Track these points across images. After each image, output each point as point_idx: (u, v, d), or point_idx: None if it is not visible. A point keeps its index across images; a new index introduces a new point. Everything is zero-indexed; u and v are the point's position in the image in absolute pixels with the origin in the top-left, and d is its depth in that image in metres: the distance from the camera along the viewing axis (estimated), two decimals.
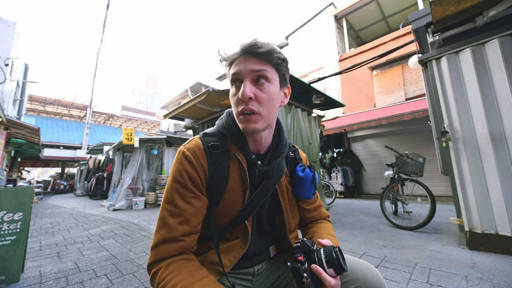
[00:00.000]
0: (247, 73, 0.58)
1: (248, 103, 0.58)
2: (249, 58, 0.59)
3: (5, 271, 1.78)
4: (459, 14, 2.21)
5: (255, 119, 0.59)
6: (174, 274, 0.51)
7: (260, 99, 0.59)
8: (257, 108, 0.58)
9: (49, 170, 36.35)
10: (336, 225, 3.36)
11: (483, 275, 1.63)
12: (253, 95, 0.58)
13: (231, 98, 0.63)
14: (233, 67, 0.60)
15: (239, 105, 0.59)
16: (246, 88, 0.57)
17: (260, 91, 0.59)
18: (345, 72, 4.69)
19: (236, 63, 0.60)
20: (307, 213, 0.80)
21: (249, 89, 0.57)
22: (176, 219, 0.57)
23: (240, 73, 0.58)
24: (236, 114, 0.61)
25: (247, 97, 0.57)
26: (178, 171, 0.60)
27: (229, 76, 0.62)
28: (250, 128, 0.59)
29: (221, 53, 0.62)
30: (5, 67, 7.30)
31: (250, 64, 0.58)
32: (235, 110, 0.62)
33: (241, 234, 0.67)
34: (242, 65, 0.58)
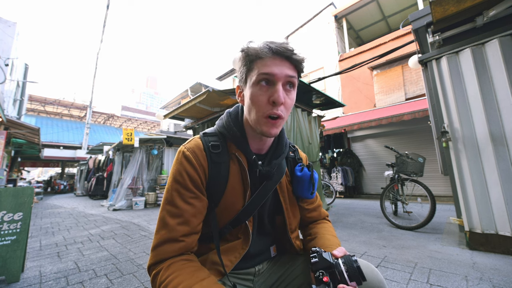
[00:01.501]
0: (281, 77, 0.56)
1: (278, 107, 0.57)
2: (283, 62, 0.57)
3: (5, 271, 1.78)
4: (459, 14, 2.21)
5: (279, 123, 0.59)
6: (174, 275, 0.51)
7: (286, 104, 0.59)
8: (283, 113, 0.58)
9: (49, 170, 36.36)
10: (336, 225, 3.36)
11: (483, 275, 1.63)
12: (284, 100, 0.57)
13: (253, 97, 0.58)
14: (263, 66, 0.56)
15: (266, 107, 0.57)
16: (280, 92, 0.56)
17: (288, 97, 0.59)
18: (345, 72, 4.69)
19: (267, 62, 0.56)
20: (307, 213, 0.80)
21: (282, 94, 0.56)
22: (176, 219, 0.57)
23: (275, 75, 0.56)
24: (259, 116, 0.58)
25: (280, 102, 0.56)
26: (178, 171, 0.60)
27: (254, 73, 0.58)
28: (273, 132, 0.59)
29: (249, 46, 0.58)
30: (5, 67, 7.30)
31: (285, 69, 0.57)
32: (257, 110, 0.58)
33: (242, 235, 0.67)
34: (277, 68, 0.56)
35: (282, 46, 0.56)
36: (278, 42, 0.57)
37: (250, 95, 0.59)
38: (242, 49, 0.60)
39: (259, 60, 0.57)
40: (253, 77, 0.58)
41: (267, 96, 0.57)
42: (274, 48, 0.56)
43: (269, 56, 0.56)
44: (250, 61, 0.59)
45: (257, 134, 0.65)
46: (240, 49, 0.61)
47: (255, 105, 0.58)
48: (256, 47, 0.57)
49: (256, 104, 0.58)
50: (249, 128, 0.66)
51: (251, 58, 0.58)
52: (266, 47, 0.56)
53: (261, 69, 0.57)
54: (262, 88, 0.57)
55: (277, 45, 0.56)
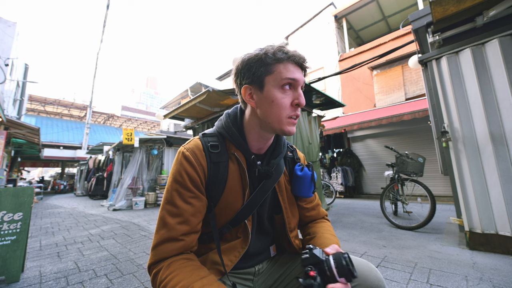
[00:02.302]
0: (301, 82, 0.63)
1: (299, 109, 0.63)
2: (299, 68, 0.63)
3: (5, 271, 1.78)
4: (459, 14, 2.21)
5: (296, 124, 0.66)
6: (174, 273, 0.51)
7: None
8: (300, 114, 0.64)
9: (49, 170, 36.35)
10: (336, 225, 3.36)
11: (483, 275, 1.63)
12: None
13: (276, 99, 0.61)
14: (286, 71, 0.60)
15: (289, 109, 0.62)
16: (302, 96, 0.63)
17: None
18: (345, 72, 4.69)
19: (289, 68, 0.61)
20: (306, 212, 0.80)
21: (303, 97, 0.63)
22: (175, 219, 0.57)
23: (299, 80, 0.62)
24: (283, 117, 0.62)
25: (304, 105, 0.63)
26: (177, 171, 0.61)
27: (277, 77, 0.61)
28: (293, 131, 0.64)
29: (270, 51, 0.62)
30: (5, 67, 7.30)
31: (302, 75, 0.64)
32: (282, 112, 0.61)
33: (241, 234, 0.67)
34: (299, 75, 0.62)
35: (298, 54, 0.63)
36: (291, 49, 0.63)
37: (273, 97, 0.61)
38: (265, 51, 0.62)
39: (280, 65, 0.61)
40: (276, 80, 0.61)
41: (291, 99, 0.62)
42: (296, 57, 0.62)
43: (290, 62, 0.61)
44: (270, 64, 0.61)
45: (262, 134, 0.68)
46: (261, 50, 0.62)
47: (279, 107, 0.61)
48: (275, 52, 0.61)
49: (279, 105, 0.61)
50: (252, 128, 0.67)
51: (271, 61, 0.61)
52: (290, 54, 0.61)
53: (285, 74, 0.60)
54: (286, 92, 0.62)
55: (294, 53, 0.62)
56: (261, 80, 0.62)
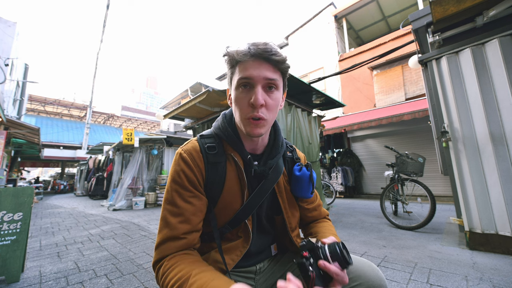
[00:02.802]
0: (260, 80, 0.58)
1: (258, 109, 0.58)
2: (262, 64, 0.58)
3: (5, 271, 1.78)
4: (459, 14, 2.21)
5: (262, 124, 0.60)
6: (177, 264, 0.53)
7: (268, 106, 0.60)
8: (265, 115, 0.59)
9: (49, 170, 36.35)
10: (336, 225, 3.36)
11: (483, 275, 1.63)
12: (264, 102, 0.58)
13: (236, 100, 0.61)
14: (243, 70, 0.58)
15: (247, 110, 0.59)
16: (259, 95, 0.57)
17: (269, 98, 0.60)
18: (345, 72, 4.69)
19: (246, 66, 0.58)
20: (308, 212, 0.80)
21: (261, 96, 0.57)
22: (177, 218, 0.58)
23: (253, 78, 0.57)
24: (242, 118, 0.60)
25: (259, 104, 0.57)
26: (176, 172, 0.62)
27: (236, 77, 0.59)
28: (257, 132, 0.60)
29: (229, 51, 0.60)
30: (5, 67, 7.30)
31: (264, 71, 0.57)
32: (240, 113, 0.60)
33: (242, 233, 0.68)
34: (255, 71, 0.57)
35: (260, 47, 0.57)
36: (259, 43, 0.58)
37: (234, 98, 0.62)
38: (223, 54, 0.62)
39: (241, 64, 0.59)
40: (235, 80, 0.60)
41: (247, 99, 0.59)
42: (253, 51, 0.57)
43: (248, 59, 0.58)
44: (232, 65, 0.61)
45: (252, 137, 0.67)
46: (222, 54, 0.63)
47: (238, 108, 0.61)
48: (236, 51, 0.59)
49: (238, 106, 0.61)
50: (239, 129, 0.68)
51: (233, 62, 0.60)
52: (246, 50, 0.57)
53: (240, 73, 0.58)
54: (243, 91, 0.59)
55: (255, 48, 0.57)
56: (230, 82, 0.64)
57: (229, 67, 0.62)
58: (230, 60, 0.61)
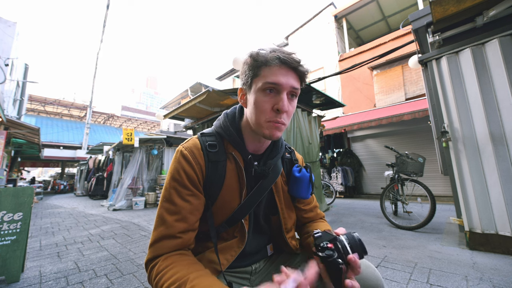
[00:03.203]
0: (287, 87, 0.59)
1: (281, 115, 0.60)
2: (289, 72, 0.59)
3: (5, 271, 1.78)
4: (459, 14, 2.21)
5: (282, 128, 0.62)
6: (172, 266, 0.52)
7: (289, 112, 0.62)
8: (286, 121, 0.61)
9: (49, 170, 36.35)
10: (336, 225, 3.36)
11: (483, 275, 1.63)
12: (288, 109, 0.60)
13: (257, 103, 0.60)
14: (270, 74, 0.58)
15: (270, 114, 0.60)
16: (285, 101, 0.59)
17: (290, 105, 0.62)
18: (345, 72, 4.69)
19: (275, 71, 0.58)
20: (304, 213, 0.81)
21: (287, 103, 0.59)
22: (173, 216, 0.58)
23: (281, 84, 0.58)
24: (263, 121, 0.61)
25: (285, 111, 0.59)
26: (176, 169, 0.62)
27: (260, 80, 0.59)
28: (276, 136, 0.62)
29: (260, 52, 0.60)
30: (5, 67, 7.30)
31: (291, 80, 0.59)
32: (261, 116, 0.60)
33: (238, 233, 0.68)
34: (283, 78, 0.58)
35: (290, 56, 0.58)
36: (286, 51, 0.60)
37: (255, 100, 0.61)
38: (251, 54, 0.62)
39: (266, 68, 0.59)
40: (259, 83, 0.60)
41: (271, 104, 0.60)
42: (283, 58, 0.58)
43: (276, 65, 0.58)
44: (257, 67, 0.61)
45: (255, 136, 0.67)
46: (248, 53, 0.62)
47: (259, 111, 0.61)
48: (265, 54, 0.59)
49: (260, 109, 0.61)
50: (248, 129, 0.68)
51: (259, 64, 0.60)
52: (275, 56, 0.58)
53: (268, 78, 0.59)
54: (268, 95, 0.60)
55: (285, 55, 0.58)
56: (250, 82, 0.63)
57: (252, 67, 0.61)
58: (255, 61, 0.60)
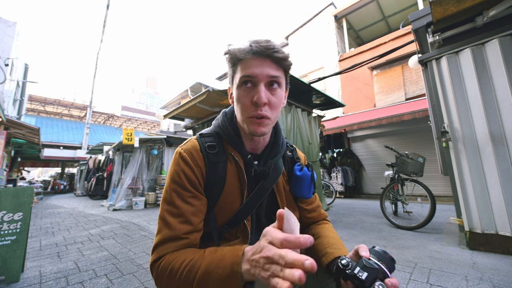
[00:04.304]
0: (263, 77, 0.56)
1: (261, 108, 0.57)
2: (264, 61, 0.57)
3: (5, 271, 1.78)
4: (459, 14, 2.21)
5: (265, 123, 0.59)
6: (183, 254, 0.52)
7: (272, 104, 0.59)
8: (269, 113, 0.58)
9: (49, 170, 36.34)
10: (336, 225, 3.36)
11: (483, 275, 1.63)
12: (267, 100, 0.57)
13: (238, 99, 0.59)
14: (245, 67, 0.57)
15: (250, 109, 0.58)
16: (262, 93, 0.56)
17: (272, 96, 0.59)
18: (345, 72, 4.69)
19: (249, 64, 0.57)
20: (307, 213, 0.79)
21: (264, 94, 0.56)
22: (177, 218, 0.57)
23: (256, 76, 0.56)
24: (245, 117, 0.59)
25: (263, 102, 0.56)
26: (175, 172, 0.61)
27: (238, 76, 0.58)
28: (260, 131, 0.59)
29: (230, 48, 0.59)
30: (5, 67, 7.30)
31: (266, 69, 0.56)
32: (243, 112, 0.59)
33: (240, 234, 0.67)
34: (258, 69, 0.56)
35: (261, 45, 0.56)
36: (260, 40, 0.57)
37: (237, 97, 0.60)
38: (225, 52, 0.61)
39: (241, 62, 0.58)
40: (237, 79, 0.59)
41: (250, 97, 0.58)
42: (255, 48, 0.56)
43: (250, 57, 0.57)
44: (234, 63, 0.60)
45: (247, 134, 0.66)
46: (223, 52, 0.62)
47: (240, 106, 0.60)
48: (237, 48, 0.58)
49: (241, 104, 0.59)
50: (240, 128, 0.67)
51: (234, 60, 0.59)
52: (248, 48, 0.56)
53: (243, 71, 0.57)
54: (246, 89, 0.58)
55: (257, 45, 0.56)
56: (232, 80, 0.62)
57: (230, 65, 0.61)
58: (231, 58, 0.60)
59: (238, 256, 0.43)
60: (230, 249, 0.47)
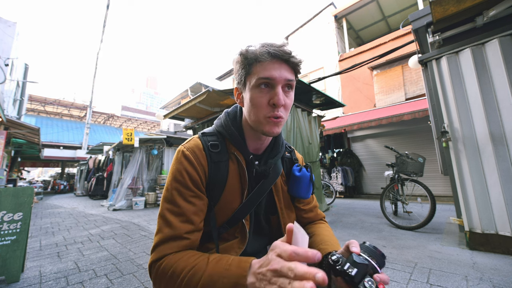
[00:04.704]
0: (281, 80, 0.58)
1: (278, 109, 0.59)
2: (282, 65, 0.58)
3: (5, 271, 1.78)
4: (459, 14, 2.21)
5: (281, 123, 0.61)
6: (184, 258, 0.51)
7: (286, 105, 0.61)
8: (283, 114, 0.60)
9: (49, 170, 36.35)
10: (336, 225, 3.36)
11: (483, 275, 1.63)
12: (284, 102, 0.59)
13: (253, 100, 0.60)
14: (262, 70, 0.58)
15: (267, 110, 0.59)
16: (280, 95, 0.58)
17: (287, 98, 0.61)
18: (345, 72, 4.69)
19: (266, 66, 0.58)
20: (304, 213, 0.80)
21: (282, 96, 0.58)
22: (178, 217, 0.57)
23: (274, 79, 0.57)
24: (261, 117, 0.60)
25: (281, 104, 0.58)
26: (178, 171, 0.61)
27: (254, 77, 0.59)
28: (276, 131, 0.61)
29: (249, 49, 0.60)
30: (5, 67, 7.30)
31: (284, 72, 0.58)
32: (259, 112, 0.60)
33: (239, 234, 0.67)
34: (276, 72, 0.57)
35: (280, 49, 0.57)
36: (276, 44, 0.58)
37: (250, 98, 0.60)
38: (240, 53, 0.61)
39: (258, 64, 0.59)
40: (253, 80, 0.59)
41: (267, 99, 0.59)
42: (273, 52, 0.57)
43: (268, 60, 0.58)
44: (249, 65, 0.60)
45: (255, 134, 0.66)
46: (238, 52, 0.62)
47: (256, 107, 0.60)
48: (255, 51, 0.59)
49: (256, 106, 0.60)
50: (248, 128, 0.67)
51: (250, 61, 0.60)
52: (265, 51, 0.57)
53: (260, 73, 0.58)
54: (262, 91, 0.59)
55: (275, 49, 0.57)
56: (244, 81, 0.62)
57: (243, 66, 0.61)
58: (246, 59, 0.60)
59: (244, 268, 0.43)
60: (236, 260, 0.47)
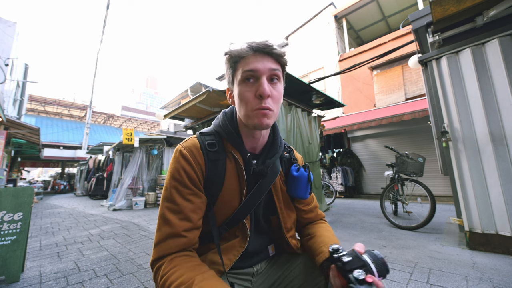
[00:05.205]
0: (265, 71, 0.59)
1: (265, 100, 0.59)
2: (265, 57, 0.60)
3: (5, 271, 1.78)
4: (459, 14, 2.21)
5: (269, 115, 0.61)
6: (176, 268, 0.52)
7: (274, 97, 0.61)
8: (271, 106, 0.60)
9: (49, 170, 36.35)
10: (336, 225, 3.36)
11: (483, 275, 1.63)
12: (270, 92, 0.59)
13: (240, 95, 0.61)
14: (246, 64, 0.59)
15: (254, 102, 0.59)
16: (265, 85, 0.58)
17: (274, 90, 0.61)
18: (345, 72, 4.69)
19: (250, 60, 0.59)
20: (304, 214, 0.80)
21: (267, 87, 0.59)
22: (176, 215, 0.58)
23: (258, 70, 0.58)
24: (249, 111, 0.60)
25: (267, 94, 0.58)
26: (175, 169, 0.61)
27: (239, 73, 0.60)
28: (265, 123, 0.60)
29: (232, 48, 0.61)
30: (5, 67, 7.30)
31: (267, 63, 0.59)
32: (247, 106, 0.60)
33: (239, 233, 0.68)
34: (259, 63, 0.59)
35: (262, 43, 0.59)
36: (257, 40, 0.60)
37: (238, 93, 0.62)
38: (225, 52, 0.63)
39: (242, 60, 0.60)
40: (239, 76, 0.61)
41: (253, 92, 0.59)
42: (255, 46, 0.59)
43: (250, 54, 0.59)
44: (234, 62, 0.62)
45: (249, 131, 0.67)
46: (224, 52, 0.63)
47: (243, 101, 0.61)
48: (237, 48, 0.60)
49: (244, 100, 0.61)
50: (242, 126, 0.68)
51: (235, 59, 0.61)
52: (247, 46, 0.59)
53: (245, 67, 0.59)
54: (248, 85, 0.60)
55: (257, 43, 0.59)
56: (232, 79, 0.64)
57: (230, 65, 0.63)
58: (231, 58, 0.62)
59: None
60: None
